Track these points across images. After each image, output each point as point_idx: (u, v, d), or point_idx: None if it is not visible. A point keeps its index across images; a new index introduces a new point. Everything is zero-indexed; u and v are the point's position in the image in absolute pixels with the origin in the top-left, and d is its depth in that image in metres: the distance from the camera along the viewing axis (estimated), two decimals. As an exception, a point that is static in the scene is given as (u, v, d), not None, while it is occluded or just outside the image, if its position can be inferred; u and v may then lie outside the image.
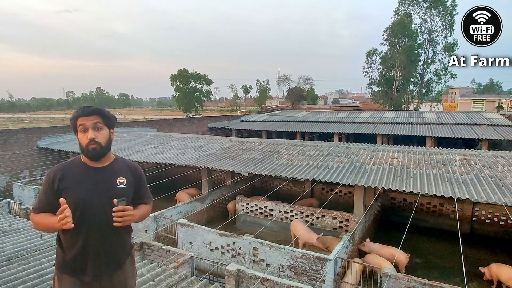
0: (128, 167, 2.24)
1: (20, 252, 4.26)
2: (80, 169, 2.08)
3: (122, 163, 2.24)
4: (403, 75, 37.67)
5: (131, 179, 2.19)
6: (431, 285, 5.94)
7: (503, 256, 9.04)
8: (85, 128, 2.02)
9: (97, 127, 2.04)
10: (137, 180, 2.24)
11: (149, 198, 2.34)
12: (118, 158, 2.27)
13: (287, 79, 59.41)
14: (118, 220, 1.93)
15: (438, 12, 37.30)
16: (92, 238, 2.01)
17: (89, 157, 2.06)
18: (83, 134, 2.02)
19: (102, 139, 2.07)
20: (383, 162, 9.45)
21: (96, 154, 2.06)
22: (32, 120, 56.26)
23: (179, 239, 9.44)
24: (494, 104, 47.36)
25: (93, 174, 2.07)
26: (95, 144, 2.02)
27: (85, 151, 2.04)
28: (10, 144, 16.21)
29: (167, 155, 12.62)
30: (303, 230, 9.11)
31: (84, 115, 2.03)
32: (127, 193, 2.12)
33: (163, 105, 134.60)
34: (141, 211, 2.22)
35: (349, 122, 25.87)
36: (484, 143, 19.50)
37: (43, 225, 1.99)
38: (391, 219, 11.44)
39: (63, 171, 2.04)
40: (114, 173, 2.13)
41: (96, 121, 2.04)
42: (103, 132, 2.08)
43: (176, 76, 42.58)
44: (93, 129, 2.02)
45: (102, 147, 2.06)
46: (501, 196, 6.77)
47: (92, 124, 2.02)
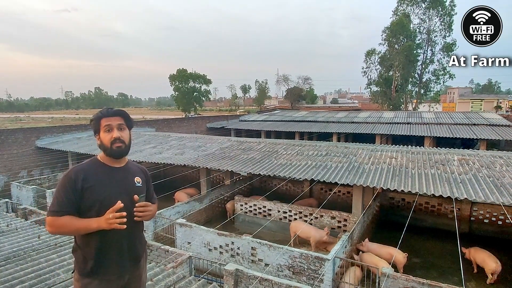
0: (139, 169, 2.36)
1: (18, 252, 4.25)
2: (101, 169, 2.14)
3: (134, 165, 2.36)
4: (402, 75, 37.72)
5: (144, 179, 2.31)
6: (429, 285, 5.95)
7: (501, 255, 9.07)
8: (110, 128, 2.11)
9: (121, 128, 2.15)
10: (147, 181, 2.37)
11: (155, 198, 2.45)
12: (129, 161, 2.36)
13: (286, 79, 59.35)
14: (139, 215, 2.07)
15: (437, 12, 37.38)
16: (117, 236, 2.07)
17: (113, 155, 2.13)
18: (107, 134, 2.11)
19: (126, 138, 2.18)
20: (381, 162, 9.47)
21: (121, 152, 2.15)
22: (30, 120, 56.11)
23: (177, 239, 9.43)
24: (493, 104, 47.48)
25: (114, 173, 2.15)
26: (121, 143, 2.12)
27: (109, 150, 2.11)
28: (8, 144, 16.15)
29: (165, 155, 12.61)
30: (312, 230, 9.08)
31: (109, 115, 2.13)
32: (144, 191, 2.24)
33: (162, 105, 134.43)
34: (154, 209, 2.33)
35: (348, 122, 25.89)
36: (482, 143, 19.54)
37: (72, 227, 1.98)
38: (390, 219, 11.45)
39: (85, 171, 2.08)
40: (131, 173, 2.25)
41: (120, 121, 2.15)
42: (126, 132, 2.19)
43: (175, 76, 42.51)
44: (117, 129, 2.12)
45: (126, 145, 2.16)
46: (499, 196, 6.79)
47: (117, 125, 2.13)
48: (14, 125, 39.01)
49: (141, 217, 2.09)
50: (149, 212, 2.13)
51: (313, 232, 9.01)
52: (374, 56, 39.79)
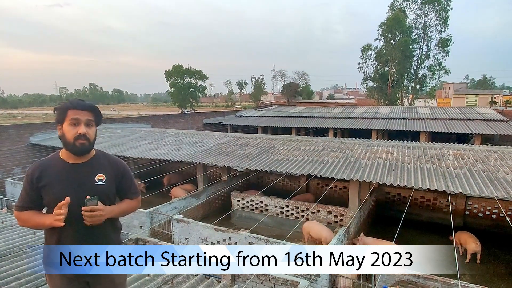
0: (109, 163, 2.18)
1: (13, 249, 4.22)
2: (58, 166, 2.04)
3: (103, 159, 2.18)
4: (398, 70, 37.83)
5: (112, 175, 2.14)
6: (424, 278, 6.02)
7: (495, 248, 9.20)
8: (77, 122, 1.97)
9: (89, 124, 2.01)
10: (119, 175, 2.19)
11: (134, 193, 2.29)
12: (100, 154, 2.20)
13: (283, 75, 59.15)
14: (87, 220, 1.93)
15: (433, 8, 37.43)
16: (73, 236, 2.00)
17: (75, 152, 2.01)
18: (73, 127, 1.97)
19: (92, 135, 2.04)
20: (377, 157, 9.51)
21: (83, 149, 2.02)
22: (24, 116, 55.51)
23: (174, 234, 9.43)
24: (487, 99, 47.86)
25: (71, 171, 2.03)
26: (85, 139, 1.99)
27: (71, 146, 1.98)
28: (1, 141, 15.97)
29: (162, 151, 12.55)
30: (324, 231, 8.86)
31: (79, 108, 1.98)
32: (106, 190, 2.09)
33: (158, 101, 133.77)
34: (122, 207, 2.20)
35: (344, 118, 25.94)
36: (477, 137, 19.70)
37: (32, 222, 1.99)
38: (386, 214, 11.54)
39: (41, 168, 2.01)
40: (93, 169, 2.09)
41: (89, 117, 2.01)
42: (93, 129, 2.05)
43: (171, 71, 42.27)
44: (85, 125, 1.99)
45: (90, 143, 2.03)
46: (493, 190, 6.86)
47: (86, 120, 1.99)
48: (7, 121, 38.55)
49: (89, 222, 1.93)
50: (98, 217, 1.94)
51: (325, 233, 8.78)
52: (370, 52, 39.81)
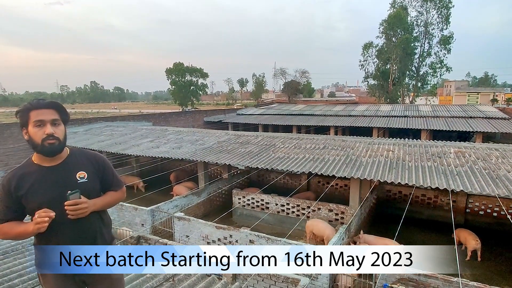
0: (87, 159, 2.12)
1: (16, 246, 4.25)
2: (35, 171, 1.95)
3: (81, 156, 2.11)
4: (399, 68, 37.72)
5: (93, 171, 2.09)
6: (425, 275, 6.03)
7: (496, 246, 9.20)
8: (42, 123, 1.86)
9: (55, 123, 1.91)
10: (100, 169, 2.14)
11: (118, 185, 2.25)
12: (76, 151, 2.13)
13: (283, 73, 59.13)
14: (71, 213, 1.88)
15: (434, 5, 37.26)
16: (64, 237, 1.97)
17: (45, 153, 1.92)
18: (38, 129, 1.86)
19: (61, 134, 1.94)
20: (378, 155, 9.50)
21: (54, 150, 1.92)
22: (25, 114, 55.51)
23: (176, 232, 9.47)
24: (489, 97, 47.70)
25: (50, 174, 1.96)
26: (54, 139, 1.89)
27: (40, 147, 1.88)
28: (4, 139, 16.02)
29: (163, 149, 12.57)
30: (327, 229, 8.85)
31: (40, 107, 1.87)
32: (90, 186, 2.04)
33: (159, 99, 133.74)
34: (106, 199, 2.15)
35: (345, 116, 25.90)
36: (478, 135, 19.67)
37: (14, 232, 1.89)
38: (387, 211, 11.54)
39: (16, 177, 1.92)
40: (71, 169, 2.02)
41: (54, 115, 1.91)
42: (61, 127, 1.95)
43: (172, 69, 42.17)
44: (51, 125, 1.88)
45: (60, 142, 1.93)
46: (494, 187, 6.85)
47: (51, 120, 1.88)
48: (9, 119, 38.65)
49: (74, 215, 1.89)
50: (82, 210, 1.91)
51: (328, 231, 8.76)
52: (372, 49, 39.70)
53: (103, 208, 2.14)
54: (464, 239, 8.77)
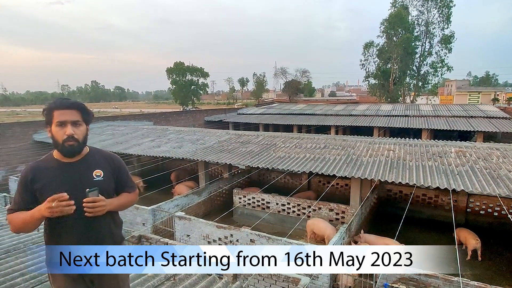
0: (104, 159, 2.17)
1: (18, 245, 4.27)
2: (53, 166, 2.01)
3: (98, 155, 2.17)
4: (400, 67, 37.66)
5: (109, 170, 2.14)
6: (426, 275, 6.04)
7: (497, 246, 9.20)
8: (63, 124, 1.93)
9: (76, 124, 1.97)
10: (116, 170, 2.19)
11: (132, 187, 2.29)
12: (94, 150, 2.19)
13: (284, 72, 59.10)
14: (89, 211, 1.91)
15: (435, 4, 37.21)
16: (75, 234, 1.99)
17: (64, 153, 1.99)
18: (60, 129, 1.93)
19: (81, 135, 2.00)
20: (379, 154, 9.50)
21: (72, 151, 1.99)
22: (27, 114, 55.62)
23: (176, 231, 9.49)
24: (490, 96, 47.56)
25: (67, 170, 2.01)
26: (73, 141, 1.95)
27: (61, 147, 1.96)
28: (6, 138, 16.07)
29: (164, 148, 12.59)
30: (328, 228, 8.85)
31: (63, 108, 1.94)
32: (105, 185, 2.08)
33: (159, 99, 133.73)
34: (121, 200, 2.18)
35: (346, 115, 25.89)
36: (479, 135, 19.64)
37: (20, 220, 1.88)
38: (387, 211, 11.55)
39: (35, 170, 1.98)
40: (89, 166, 2.07)
41: (75, 116, 1.97)
42: (81, 128, 2.01)
43: (172, 69, 42.19)
44: (72, 125, 1.95)
45: (79, 143, 1.99)
46: (495, 187, 6.85)
47: (72, 121, 1.95)
48: (11, 119, 38.71)
49: (91, 213, 1.92)
50: (100, 207, 1.94)
51: (329, 231, 8.75)
52: (372, 49, 39.67)
53: (117, 209, 2.17)
54: (464, 239, 8.77)
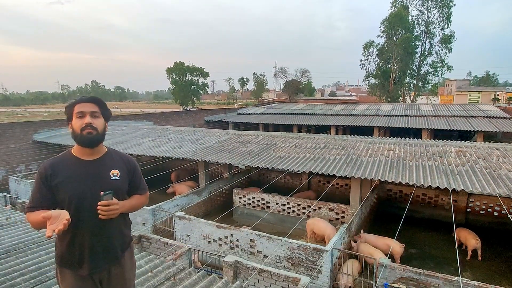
0: (121, 159, 2.22)
1: (18, 245, 4.26)
2: (72, 163, 2.03)
3: (116, 156, 2.22)
4: (400, 67, 37.65)
5: (125, 171, 2.18)
6: (426, 275, 6.04)
7: (497, 245, 9.20)
8: (82, 114, 2.00)
9: (94, 115, 2.03)
10: (131, 171, 2.23)
11: (144, 189, 2.33)
12: (111, 151, 2.23)
13: (284, 72, 59.07)
14: (103, 213, 1.93)
15: (436, 4, 37.19)
16: (88, 232, 2.00)
17: (83, 142, 2.01)
18: (79, 119, 1.99)
19: (99, 125, 2.04)
20: (379, 154, 9.50)
21: (92, 140, 2.01)
22: (27, 114, 55.62)
23: (176, 231, 9.49)
24: (490, 96, 47.58)
25: (86, 167, 2.03)
26: (92, 129, 1.99)
27: (79, 136, 1.99)
28: (6, 138, 16.07)
29: (164, 148, 12.59)
30: (328, 228, 8.85)
31: (83, 102, 2.03)
32: (121, 185, 2.12)
33: (160, 98, 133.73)
34: (132, 202, 2.21)
35: (346, 115, 25.89)
36: (479, 135, 19.64)
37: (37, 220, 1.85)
38: (387, 211, 11.55)
39: (54, 166, 1.99)
40: (107, 165, 2.11)
41: (93, 108, 2.04)
42: (100, 120, 2.07)
43: (172, 69, 42.20)
44: (90, 116, 2.01)
45: (98, 133, 2.03)
46: (495, 187, 6.85)
47: (91, 112, 2.02)
48: (10, 119, 38.71)
49: (105, 216, 1.94)
50: (114, 211, 1.96)
51: (329, 231, 8.74)
52: (372, 49, 39.69)
53: (128, 210, 2.20)
54: (464, 239, 8.78)
